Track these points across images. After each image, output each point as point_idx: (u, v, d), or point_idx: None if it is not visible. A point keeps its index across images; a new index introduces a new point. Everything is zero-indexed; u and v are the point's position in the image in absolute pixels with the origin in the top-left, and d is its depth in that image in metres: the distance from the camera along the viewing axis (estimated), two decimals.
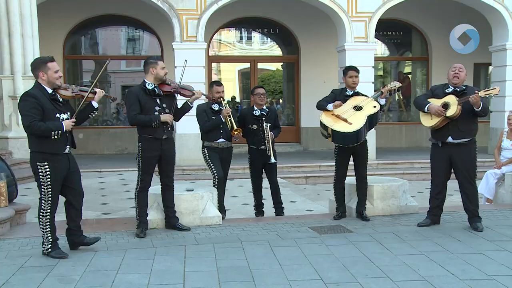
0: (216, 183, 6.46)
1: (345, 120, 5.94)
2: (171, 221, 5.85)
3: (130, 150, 14.15)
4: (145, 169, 5.62)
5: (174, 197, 5.87)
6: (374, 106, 6.07)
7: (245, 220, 6.61)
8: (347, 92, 6.27)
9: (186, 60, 5.92)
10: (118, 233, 5.79)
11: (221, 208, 6.55)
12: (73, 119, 4.87)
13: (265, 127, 6.68)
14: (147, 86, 5.57)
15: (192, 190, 6.21)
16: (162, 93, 5.62)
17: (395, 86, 6.27)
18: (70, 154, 4.99)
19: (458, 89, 5.75)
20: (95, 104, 5.08)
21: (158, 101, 5.60)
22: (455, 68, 5.79)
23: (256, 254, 4.99)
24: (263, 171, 7.00)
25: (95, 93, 5.08)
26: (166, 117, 5.54)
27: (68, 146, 4.89)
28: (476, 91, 5.54)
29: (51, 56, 4.95)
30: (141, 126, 5.58)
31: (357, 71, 6.32)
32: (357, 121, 5.92)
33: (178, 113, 5.91)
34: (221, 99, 6.59)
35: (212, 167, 6.50)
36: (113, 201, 8.42)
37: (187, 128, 11.40)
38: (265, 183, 7.08)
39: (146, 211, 5.74)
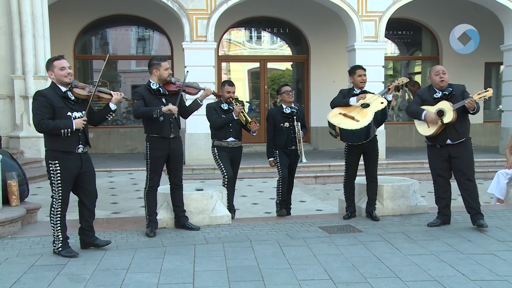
0: (226, 182, 6.47)
1: (352, 118, 5.93)
2: (181, 221, 5.87)
3: (140, 150, 14.19)
4: (154, 169, 5.64)
5: (183, 196, 5.89)
6: (382, 102, 6.05)
7: (255, 220, 6.62)
8: (354, 91, 6.26)
9: (187, 71, 5.94)
10: (128, 232, 5.82)
11: (231, 208, 6.56)
12: (84, 117, 4.89)
13: (295, 125, 6.61)
14: (151, 86, 5.60)
15: (202, 190, 6.23)
16: (167, 92, 5.64)
17: (402, 81, 6.27)
18: (84, 154, 4.99)
19: (447, 93, 5.80)
20: (112, 106, 5.08)
21: (164, 100, 5.63)
22: (438, 72, 5.82)
23: (265, 254, 5.00)
24: None
25: (111, 95, 5.08)
26: (168, 107, 5.49)
27: (81, 146, 4.91)
28: (471, 96, 5.61)
29: (59, 55, 4.99)
30: (146, 120, 5.57)
31: (365, 69, 6.32)
32: (364, 118, 5.91)
33: (187, 111, 5.94)
34: (231, 99, 6.60)
35: (222, 166, 6.50)
36: (123, 201, 8.46)
37: (197, 128, 11.43)
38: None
39: (155, 211, 5.76)
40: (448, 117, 5.65)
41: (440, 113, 5.70)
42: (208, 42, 12.05)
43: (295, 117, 6.64)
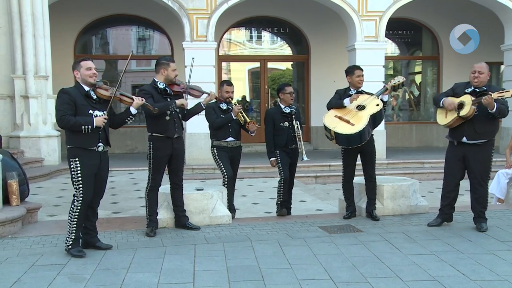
0: (226, 182, 6.47)
1: (348, 122, 5.91)
2: (181, 220, 5.87)
3: (140, 150, 14.21)
4: (156, 168, 5.64)
5: (184, 196, 5.89)
6: (377, 105, 6.02)
7: (255, 220, 6.62)
8: (350, 92, 6.24)
9: (193, 58, 5.94)
10: (128, 232, 5.82)
11: (231, 207, 6.56)
12: (105, 116, 4.94)
13: (295, 124, 6.60)
14: (158, 85, 5.62)
15: (202, 189, 6.23)
16: (172, 93, 5.66)
17: (398, 81, 6.25)
18: (104, 154, 5.06)
19: (478, 90, 5.64)
20: (133, 110, 5.15)
21: (168, 100, 5.64)
22: (475, 71, 5.68)
23: (265, 254, 5.00)
24: None
25: (133, 99, 5.14)
26: (182, 101, 5.59)
27: (101, 144, 4.97)
28: (490, 92, 5.45)
29: (86, 57, 5.14)
30: (151, 120, 5.58)
31: (362, 69, 6.32)
32: (359, 122, 5.88)
33: (189, 114, 5.95)
34: (230, 99, 6.60)
35: (222, 166, 6.50)
36: (123, 200, 8.46)
37: (197, 128, 11.43)
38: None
39: (156, 210, 5.77)
40: (465, 111, 5.53)
41: (460, 106, 5.61)
42: (209, 42, 12.06)
43: (293, 116, 6.64)
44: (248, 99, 16.75)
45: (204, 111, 6.42)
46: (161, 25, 14.91)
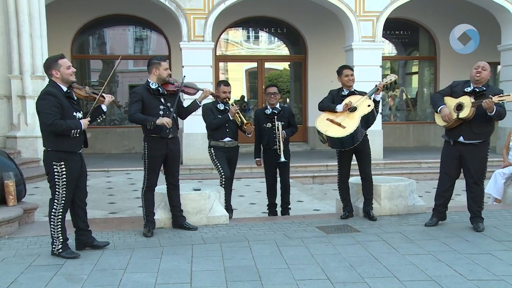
0: (223, 182, 6.47)
1: (339, 124, 5.91)
2: (178, 220, 5.87)
3: (138, 150, 14.18)
4: (151, 168, 5.63)
5: (181, 196, 5.89)
6: (369, 105, 6.02)
7: (252, 220, 6.61)
8: (343, 92, 6.25)
9: (184, 76, 5.98)
10: (126, 232, 5.81)
11: (228, 208, 6.56)
12: (89, 118, 4.92)
13: (276, 125, 6.63)
14: (150, 85, 5.59)
15: (199, 190, 6.22)
16: (166, 92, 5.64)
17: (390, 80, 6.27)
18: (81, 154, 5.03)
19: (477, 90, 5.64)
20: (104, 107, 5.11)
21: (162, 100, 5.62)
22: (478, 66, 5.68)
23: (263, 254, 5.00)
24: (277, 170, 6.94)
25: (104, 97, 5.12)
26: (162, 121, 5.40)
27: (82, 146, 4.95)
28: (490, 96, 5.45)
29: (61, 54, 4.99)
30: (140, 125, 5.59)
31: (352, 69, 6.32)
32: (351, 124, 5.88)
33: (185, 112, 5.94)
34: (227, 99, 6.60)
35: (219, 166, 6.51)
36: (121, 200, 8.45)
37: (194, 128, 11.43)
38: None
39: (153, 211, 5.76)
40: (464, 113, 5.55)
41: (459, 107, 5.61)
42: (206, 42, 12.05)
43: (276, 117, 6.67)
44: (245, 99, 16.77)
45: (201, 110, 6.45)
46: (159, 25, 14.89)
